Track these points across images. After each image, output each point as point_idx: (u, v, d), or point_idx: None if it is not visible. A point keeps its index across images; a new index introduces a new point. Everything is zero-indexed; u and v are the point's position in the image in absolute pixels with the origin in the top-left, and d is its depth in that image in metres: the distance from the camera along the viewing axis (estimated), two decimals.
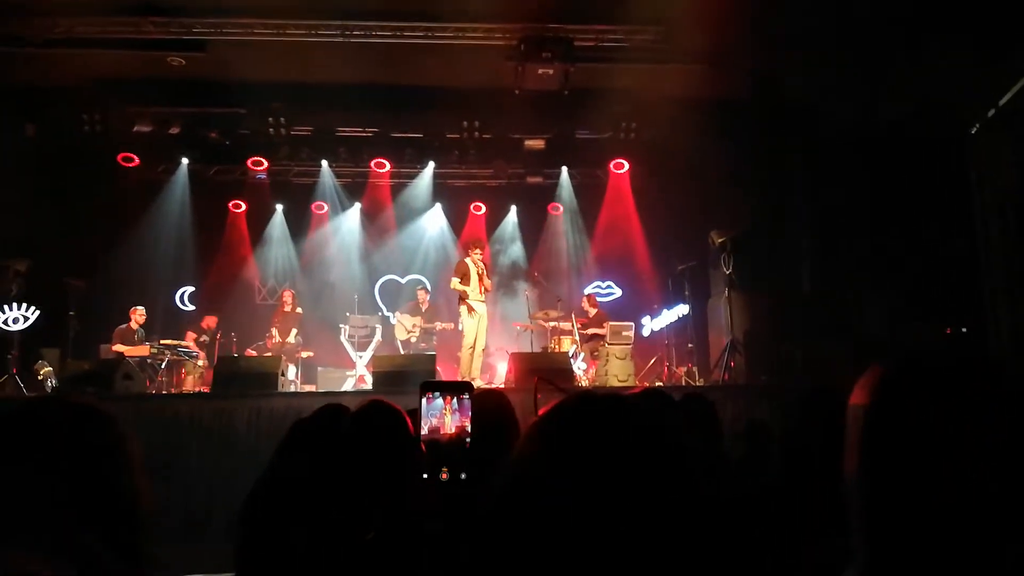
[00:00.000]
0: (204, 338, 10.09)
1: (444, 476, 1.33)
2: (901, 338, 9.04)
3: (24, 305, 8.97)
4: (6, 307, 8.86)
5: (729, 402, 7.31)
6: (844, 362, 8.07)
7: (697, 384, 9.01)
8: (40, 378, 8.57)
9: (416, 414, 1.37)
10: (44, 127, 10.69)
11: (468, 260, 9.04)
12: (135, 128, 10.45)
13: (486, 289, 9.09)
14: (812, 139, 10.15)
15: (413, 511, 1.40)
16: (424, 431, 1.30)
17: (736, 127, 10.17)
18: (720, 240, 9.48)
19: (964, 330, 8.77)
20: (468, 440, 1.30)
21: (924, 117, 9.04)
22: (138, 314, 9.57)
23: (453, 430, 1.33)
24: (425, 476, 1.36)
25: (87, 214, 10.84)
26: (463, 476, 1.34)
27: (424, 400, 1.32)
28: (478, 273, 8.95)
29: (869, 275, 9.67)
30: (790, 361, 8.58)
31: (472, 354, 8.86)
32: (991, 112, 8.83)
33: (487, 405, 2.17)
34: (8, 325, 8.78)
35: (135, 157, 11.03)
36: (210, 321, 10.36)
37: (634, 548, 0.80)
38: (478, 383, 8.75)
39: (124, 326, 9.48)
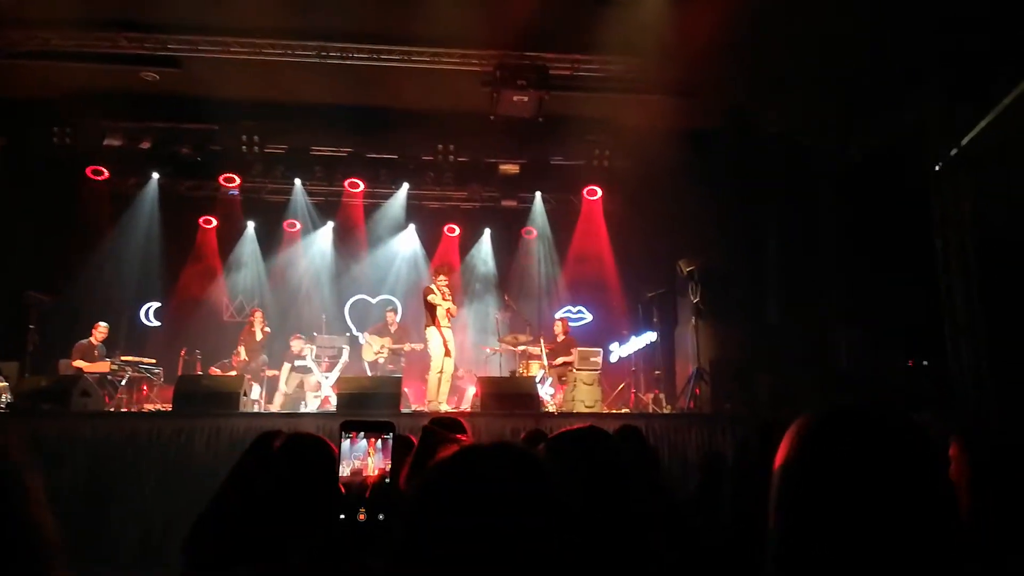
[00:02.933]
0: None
1: (361, 517, 1.32)
2: (865, 370, 9.18)
3: None
4: None
5: (694, 430, 7.36)
6: (810, 393, 8.16)
7: (663, 411, 9.04)
8: None
9: (338, 453, 1.36)
10: (13, 139, 10.55)
11: (434, 285, 9.03)
12: (105, 142, 10.36)
13: (451, 314, 9.07)
14: (784, 171, 10.33)
15: (328, 550, 1.39)
16: (345, 471, 1.29)
17: (709, 158, 10.33)
18: (688, 269, 9.57)
19: (925, 363, 8.91)
20: (387, 481, 1.30)
21: (894, 153, 9.26)
22: (100, 330, 9.41)
23: (376, 471, 1.32)
24: (342, 516, 1.34)
25: (54, 227, 10.68)
26: (381, 517, 1.33)
27: (348, 440, 1.31)
28: (443, 298, 8.94)
29: (836, 307, 9.82)
30: (755, 391, 8.64)
31: (440, 379, 8.82)
32: (954, 150, 9.06)
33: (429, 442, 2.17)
34: None
35: (104, 170, 10.92)
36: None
37: None
38: (444, 407, 8.70)
39: (85, 342, 9.32)
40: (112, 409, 8.33)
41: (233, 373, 9.30)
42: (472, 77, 9.26)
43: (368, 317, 12.21)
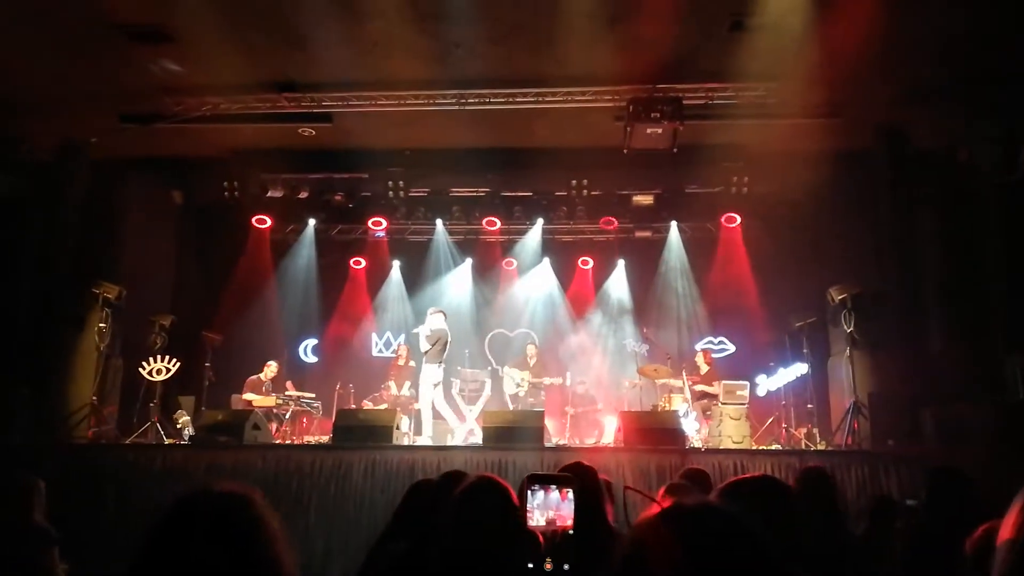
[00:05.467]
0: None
1: (548, 567, 1.38)
2: None
3: (167, 357, 9.74)
4: (151, 359, 9.66)
5: (853, 468, 6.93)
6: (983, 428, 7.49)
7: (818, 447, 8.57)
8: (179, 427, 9.24)
9: (522, 500, 1.43)
10: (189, 194, 11.79)
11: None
12: (268, 193, 11.32)
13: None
14: (942, 189, 9.65)
15: None
16: (540, 521, 1.36)
17: (856, 179, 9.84)
18: (840, 296, 9.10)
19: None
20: (571, 532, 1.35)
21: None
22: (270, 368, 10.21)
23: (558, 521, 1.39)
24: (531, 566, 1.41)
25: (224, 272, 11.76)
26: (566, 568, 1.38)
27: (542, 491, 1.38)
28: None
29: (1007, 333, 8.96)
30: (920, 426, 8.04)
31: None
32: None
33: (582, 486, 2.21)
34: (152, 376, 9.55)
35: (267, 219, 11.90)
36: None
37: None
38: (588, 441, 8.70)
39: (255, 377, 10.12)
40: (278, 441, 8.96)
41: (384, 406, 9.76)
42: (604, 112, 9.37)
43: (507, 351, 12.45)
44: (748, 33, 7.73)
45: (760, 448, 8.46)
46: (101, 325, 9.51)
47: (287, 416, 9.69)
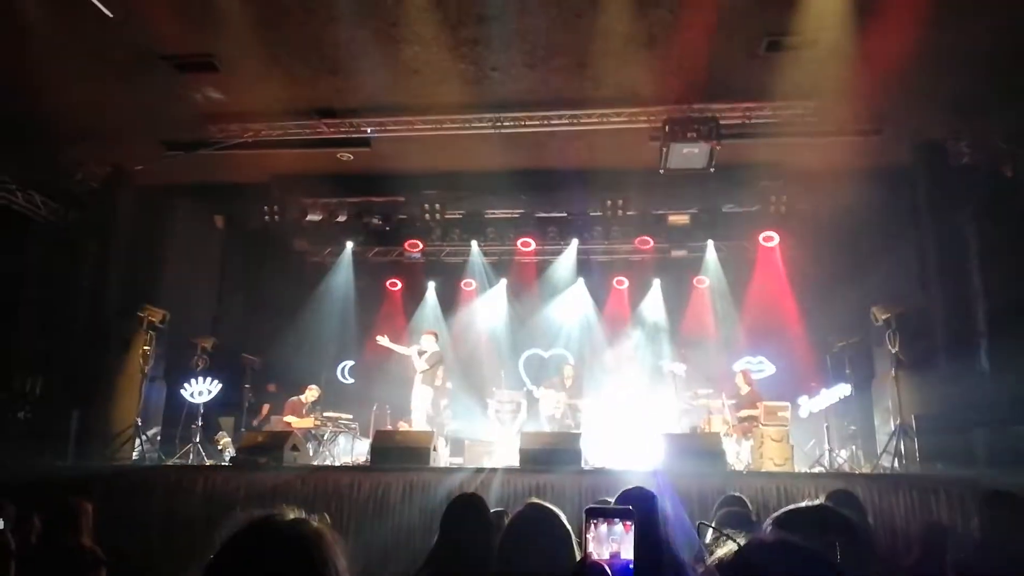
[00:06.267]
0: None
1: None
2: None
3: (208, 379, 9.90)
4: (193, 380, 9.82)
5: (900, 492, 6.74)
6: None
7: (862, 470, 8.36)
8: (220, 448, 9.37)
9: (583, 537, 1.42)
10: (230, 219, 12.04)
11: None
12: (307, 218, 11.51)
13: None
14: (986, 205, 9.43)
15: None
16: (604, 554, 1.35)
17: (898, 196, 9.68)
18: (884, 316, 8.90)
19: None
20: (632, 567, 1.34)
21: None
22: (312, 391, 10.32)
23: (621, 554, 1.37)
24: None
25: (264, 295, 11.95)
26: None
27: (605, 524, 1.37)
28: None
29: None
30: (971, 448, 7.80)
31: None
32: None
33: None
34: (194, 397, 9.71)
35: (306, 242, 12.09)
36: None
37: None
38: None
39: (296, 399, 10.23)
40: (317, 463, 9.01)
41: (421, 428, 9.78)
42: (640, 133, 9.36)
43: (542, 371, 12.42)
44: (785, 52, 7.68)
45: (802, 471, 8.28)
46: (146, 348, 9.71)
47: (325, 437, 9.75)
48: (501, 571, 1.92)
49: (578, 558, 1.46)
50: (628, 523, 1.34)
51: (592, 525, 1.36)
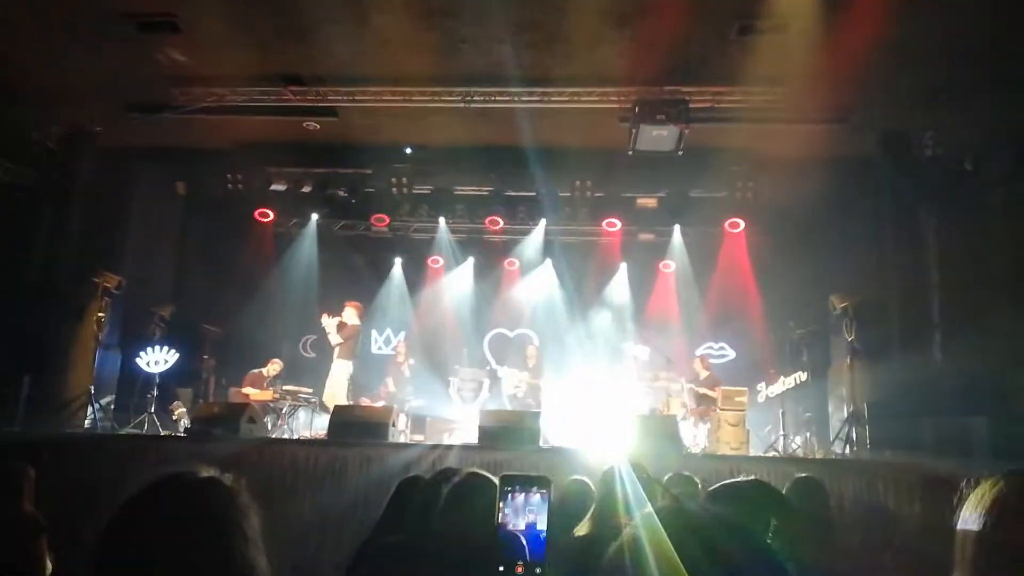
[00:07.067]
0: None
1: (519, 570, 1.34)
2: None
3: (165, 348, 9.71)
4: (149, 349, 9.62)
5: (850, 478, 6.88)
6: (980, 442, 7.43)
7: (815, 457, 8.52)
8: (175, 418, 9.22)
9: (496, 506, 1.39)
10: (192, 186, 11.77)
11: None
12: (272, 187, 11.30)
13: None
14: (946, 197, 9.59)
15: None
16: (505, 522, 1.33)
17: (861, 185, 9.79)
18: (842, 305, 9.05)
19: None
20: (543, 534, 1.32)
21: None
22: (274, 364, 10.21)
23: (533, 522, 1.35)
24: (501, 569, 1.36)
25: (226, 265, 11.73)
26: (539, 571, 1.34)
27: (523, 493, 1.34)
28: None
29: (1011, 344, 8.89)
30: (919, 437, 7.98)
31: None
32: None
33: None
34: (150, 367, 9.52)
35: (271, 213, 11.88)
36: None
37: None
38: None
39: (257, 371, 10.10)
40: (274, 436, 8.92)
41: (382, 403, 9.74)
42: (610, 114, 9.33)
43: (506, 351, 12.42)
44: (756, 36, 7.68)
45: (756, 455, 8.42)
46: (100, 315, 9.48)
47: (283, 411, 9.65)
48: (435, 532, 1.91)
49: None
50: (543, 492, 1.32)
51: (508, 494, 1.34)
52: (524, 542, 1.30)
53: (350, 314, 9.80)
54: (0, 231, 9.91)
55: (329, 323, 9.63)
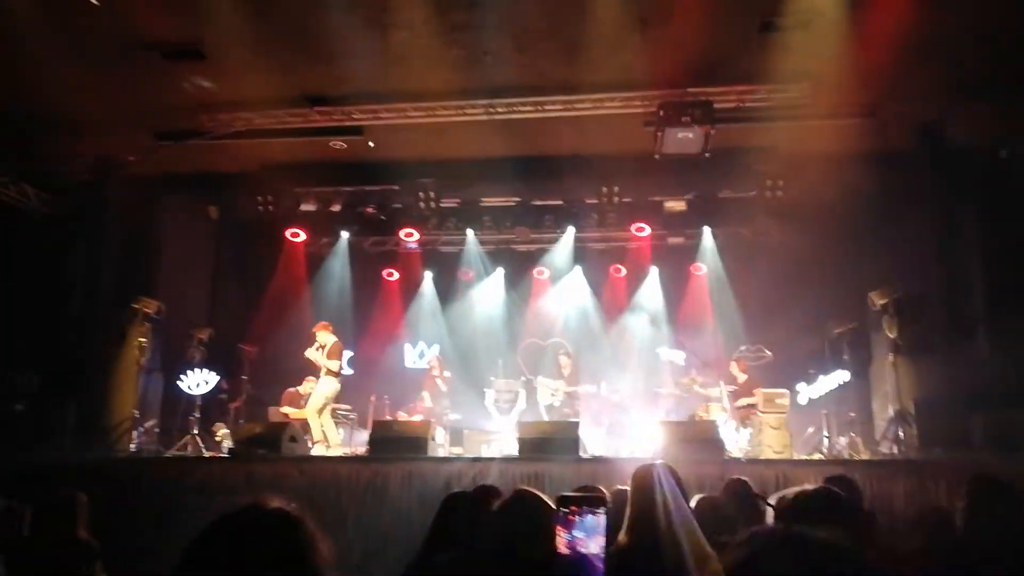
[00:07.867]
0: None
1: None
2: None
3: (205, 370, 9.86)
4: (190, 372, 9.78)
5: (900, 478, 6.72)
6: None
7: (861, 458, 8.33)
8: (218, 439, 9.33)
9: (553, 521, 1.37)
10: (224, 209, 11.96)
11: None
12: (301, 207, 11.44)
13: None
14: (985, 188, 9.38)
15: None
16: (563, 547, 1.30)
17: (895, 180, 9.60)
18: (882, 301, 8.86)
19: None
20: (601, 558, 1.29)
21: None
22: (309, 382, 10.26)
23: (590, 546, 1.32)
24: None
25: (260, 285, 11.89)
26: None
27: (564, 516, 1.32)
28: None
29: None
30: (969, 433, 7.77)
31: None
32: None
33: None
34: (191, 389, 9.67)
35: (302, 232, 12.01)
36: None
37: None
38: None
39: (293, 390, 10.20)
40: (315, 453, 8.99)
41: (419, 417, 9.76)
42: (634, 119, 9.29)
43: (540, 360, 12.36)
44: (779, 34, 7.60)
45: (802, 458, 8.26)
46: (141, 340, 9.67)
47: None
48: (482, 551, 1.89)
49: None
50: (600, 512, 1.29)
51: (565, 517, 1.31)
52: (582, 568, 1.27)
53: (325, 336, 9.69)
54: (40, 261, 10.17)
55: (313, 354, 9.53)
